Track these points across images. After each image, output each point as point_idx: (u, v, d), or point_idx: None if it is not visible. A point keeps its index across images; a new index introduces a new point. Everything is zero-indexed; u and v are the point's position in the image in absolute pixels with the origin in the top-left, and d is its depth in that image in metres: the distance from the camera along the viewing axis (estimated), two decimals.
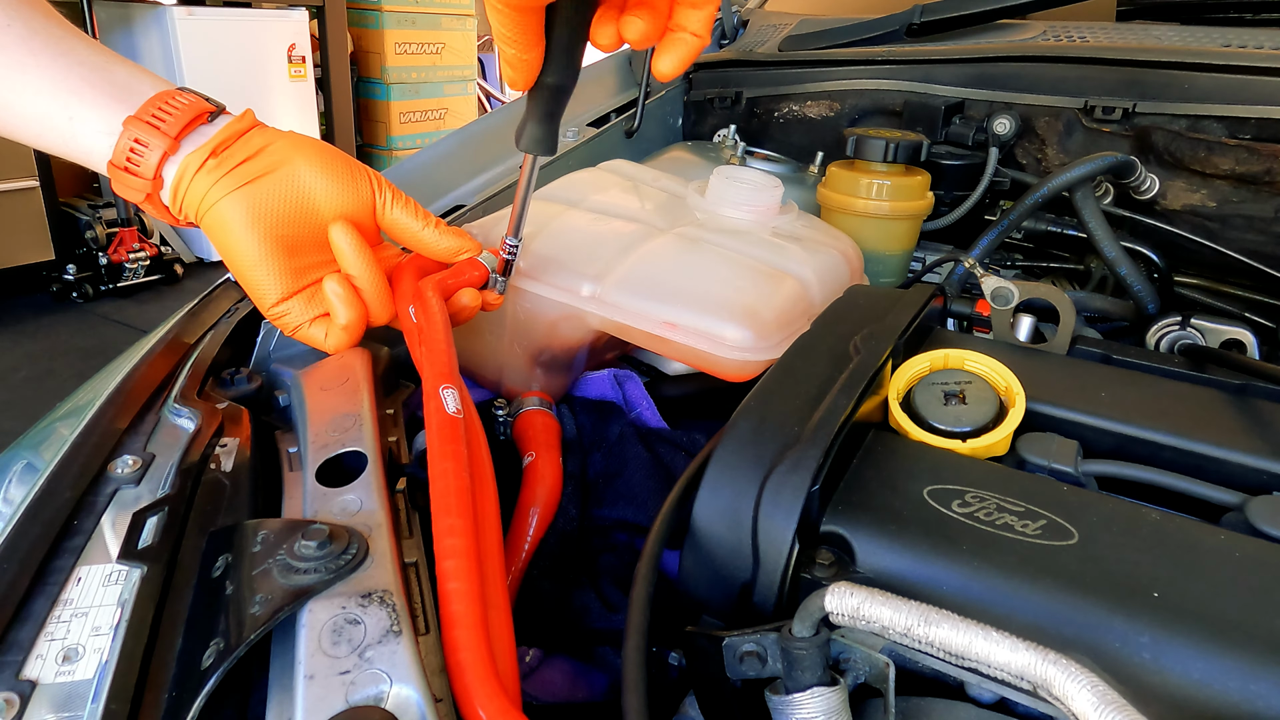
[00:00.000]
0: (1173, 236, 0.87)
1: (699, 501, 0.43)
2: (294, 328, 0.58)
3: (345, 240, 0.57)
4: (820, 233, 0.82)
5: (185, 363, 0.61)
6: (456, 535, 0.42)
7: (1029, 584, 0.37)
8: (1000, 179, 1.02)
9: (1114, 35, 1.06)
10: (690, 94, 1.29)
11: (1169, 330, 0.75)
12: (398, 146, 4.87)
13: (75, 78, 0.52)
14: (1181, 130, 0.91)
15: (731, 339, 0.63)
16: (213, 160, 0.53)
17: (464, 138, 1.03)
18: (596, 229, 0.75)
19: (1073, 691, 0.29)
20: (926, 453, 0.47)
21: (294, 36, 3.98)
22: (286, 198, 0.54)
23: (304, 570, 0.39)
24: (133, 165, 0.53)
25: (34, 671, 0.37)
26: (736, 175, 0.79)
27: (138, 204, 0.55)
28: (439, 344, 0.55)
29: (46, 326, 3.18)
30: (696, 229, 0.76)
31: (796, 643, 0.34)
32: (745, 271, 0.69)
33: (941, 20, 1.15)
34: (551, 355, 0.73)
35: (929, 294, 0.62)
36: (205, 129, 0.54)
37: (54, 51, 0.52)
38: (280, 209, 0.54)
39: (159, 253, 3.54)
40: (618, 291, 0.67)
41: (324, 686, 0.35)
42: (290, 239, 0.55)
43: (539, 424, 0.67)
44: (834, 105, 1.17)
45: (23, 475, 0.53)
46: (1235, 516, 0.44)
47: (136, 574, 0.42)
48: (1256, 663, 0.33)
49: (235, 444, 0.53)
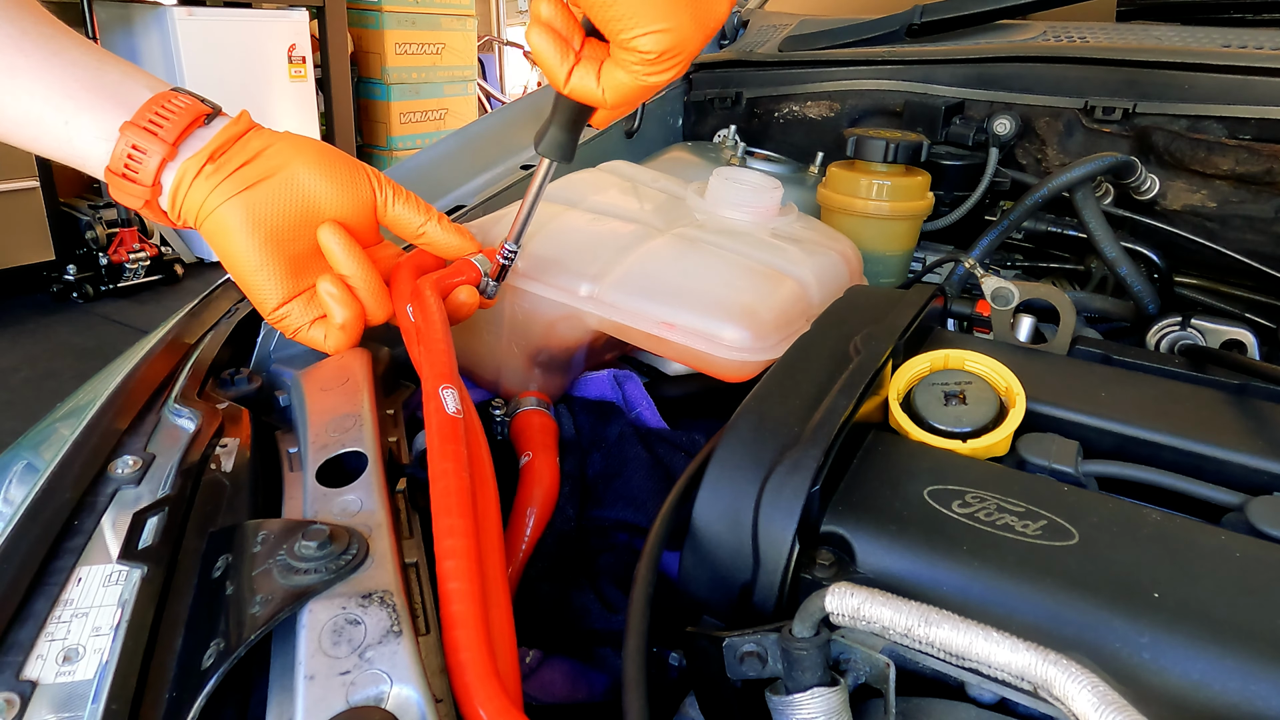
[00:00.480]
0: (1173, 237, 0.87)
1: (699, 502, 0.43)
2: (294, 330, 0.58)
3: (335, 242, 0.56)
4: (819, 234, 0.82)
5: (185, 363, 0.60)
6: (456, 536, 0.42)
7: (1029, 584, 0.37)
8: (1000, 179, 1.02)
9: (1114, 35, 1.06)
10: (690, 94, 1.29)
11: (1169, 330, 0.75)
12: (398, 147, 4.87)
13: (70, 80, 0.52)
14: (1182, 131, 0.91)
15: (729, 339, 0.63)
16: (210, 165, 0.52)
17: (464, 138, 1.03)
18: (595, 229, 0.75)
19: (1073, 692, 0.29)
20: (927, 453, 0.47)
21: (294, 37, 3.98)
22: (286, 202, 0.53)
23: (304, 570, 0.39)
24: (131, 172, 0.52)
25: (34, 672, 0.37)
26: (736, 176, 0.79)
27: (136, 210, 0.55)
28: (438, 344, 0.55)
29: (46, 327, 3.18)
30: (695, 230, 0.76)
31: (797, 643, 0.34)
32: (744, 272, 0.69)
33: (941, 20, 1.15)
34: (549, 355, 0.73)
35: (929, 294, 0.62)
36: (203, 132, 0.53)
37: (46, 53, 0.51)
38: (280, 214, 0.53)
39: (159, 253, 3.55)
40: (616, 291, 0.67)
41: (324, 687, 0.35)
42: (290, 243, 0.55)
43: (536, 424, 0.67)
44: (834, 105, 1.17)
45: (23, 475, 0.53)
46: (1235, 517, 0.44)
47: (137, 574, 0.42)
48: (1257, 663, 0.33)
49: (235, 444, 0.53)
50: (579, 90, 0.50)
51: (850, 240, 0.84)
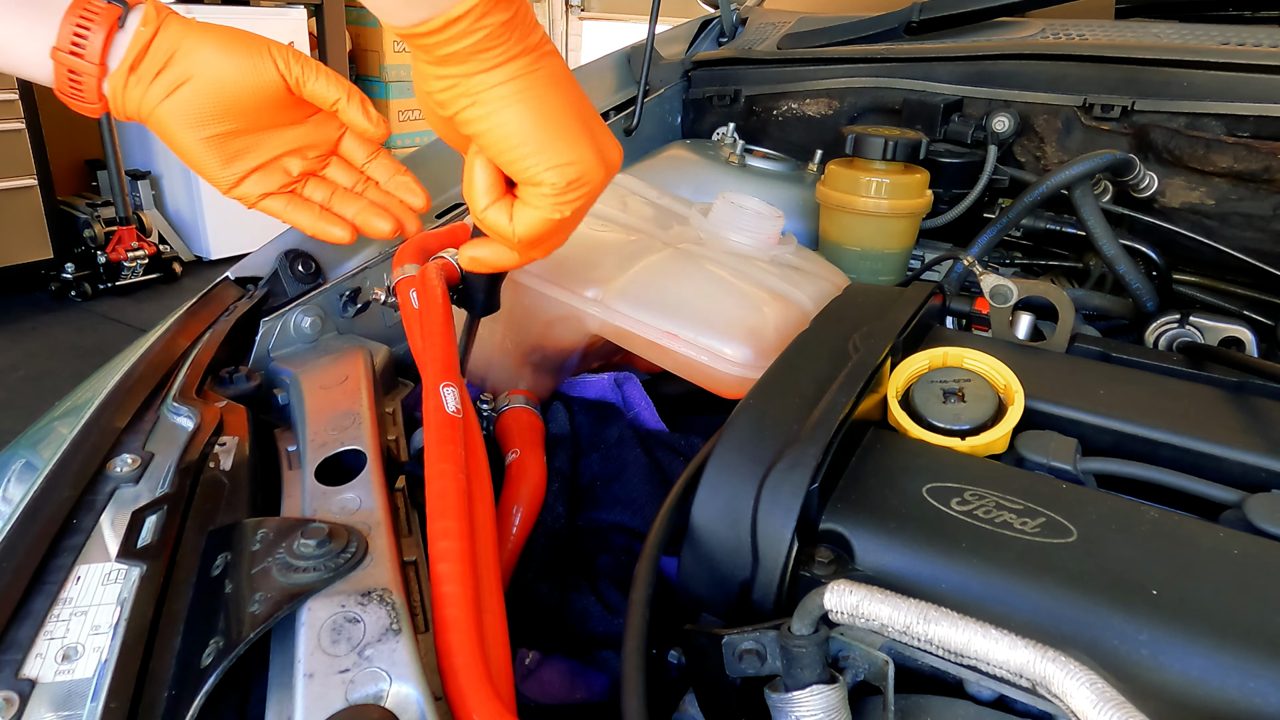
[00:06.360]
0: (1171, 234, 0.87)
1: (698, 500, 0.43)
2: (253, 204, 0.61)
3: None
4: (815, 264, 0.82)
5: (184, 361, 0.60)
6: (452, 538, 0.42)
7: (1028, 582, 0.37)
8: (999, 177, 1.02)
9: (1112, 33, 1.06)
10: (689, 92, 1.29)
11: (1168, 328, 0.75)
12: (396, 145, 4.86)
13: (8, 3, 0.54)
14: (1180, 128, 0.91)
15: (732, 355, 0.64)
16: (133, 77, 0.55)
17: None
18: (601, 236, 0.75)
19: (1071, 689, 0.29)
20: (925, 450, 0.47)
21: (292, 34, 3.97)
22: (205, 98, 0.56)
23: (303, 569, 0.39)
24: (77, 91, 0.56)
25: (33, 670, 0.37)
26: (741, 201, 0.80)
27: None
28: (441, 338, 0.55)
29: (45, 325, 3.17)
30: (699, 247, 0.77)
31: (796, 641, 0.34)
32: (748, 292, 0.70)
33: (940, 18, 1.15)
34: (544, 355, 0.73)
35: (928, 292, 0.62)
36: (120, 38, 0.56)
37: None
38: (202, 109, 0.57)
39: (157, 251, 3.54)
40: (621, 298, 0.67)
41: (323, 685, 0.35)
42: (222, 130, 0.58)
43: (524, 422, 0.67)
44: (833, 103, 1.17)
45: (22, 474, 0.53)
46: (1234, 514, 0.44)
47: (136, 573, 0.42)
48: (1254, 660, 0.33)
49: (234, 442, 0.53)
50: (491, 223, 0.53)
51: (843, 273, 0.85)
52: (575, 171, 0.49)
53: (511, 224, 0.52)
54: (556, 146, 0.48)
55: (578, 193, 0.50)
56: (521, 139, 0.48)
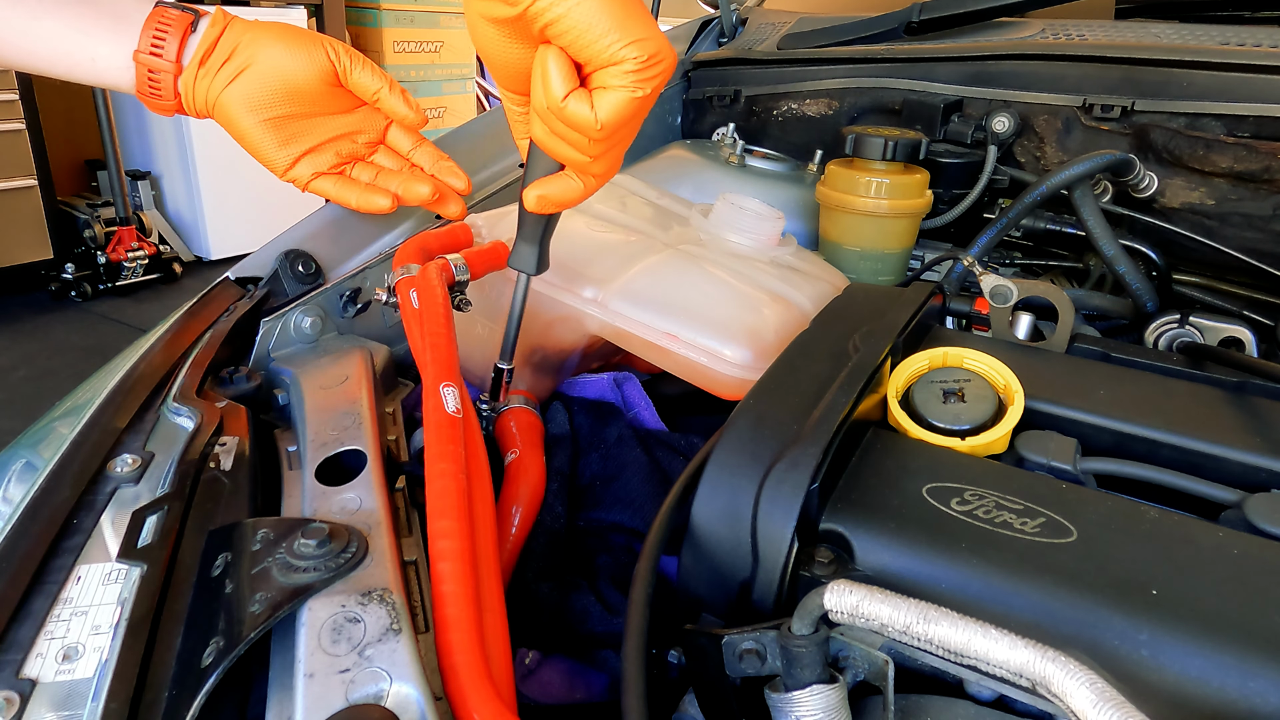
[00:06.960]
0: (1171, 234, 0.87)
1: (698, 499, 0.43)
2: (305, 185, 0.67)
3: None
4: (814, 266, 0.82)
5: (184, 361, 0.60)
6: (452, 537, 0.42)
7: (1027, 581, 0.37)
8: (999, 177, 1.02)
9: (1112, 33, 1.06)
10: (689, 92, 1.29)
11: (1168, 328, 0.75)
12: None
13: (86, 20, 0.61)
14: (1180, 128, 0.91)
15: (731, 356, 0.64)
16: (202, 69, 0.63)
17: (463, 136, 1.03)
18: (601, 236, 0.75)
19: (1071, 689, 0.29)
20: (925, 451, 0.47)
21: None
22: (265, 83, 0.63)
23: (303, 569, 0.39)
24: (155, 91, 0.63)
25: (34, 670, 0.37)
26: (741, 203, 0.80)
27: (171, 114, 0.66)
28: (441, 338, 0.55)
29: (45, 325, 3.17)
30: (699, 248, 0.77)
31: (796, 640, 0.34)
32: (748, 293, 0.70)
33: (940, 18, 1.15)
34: (544, 355, 0.73)
35: (928, 292, 0.62)
36: (193, 40, 0.63)
37: None
38: (262, 93, 0.63)
39: (157, 251, 3.53)
40: (621, 298, 0.67)
41: (324, 685, 0.35)
42: (279, 114, 0.65)
43: (523, 422, 0.67)
44: (833, 103, 1.17)
45: (22, 474, 0.53)
46: (1233, 514, 0.44)
47: (136, 573, 0.42)
48: (1254, 660, 0.33)
49: (235, 442, 0.53)
50: (572, 113, 0.51)
51: (842, 274, 0.85)
52: (654, 45, 0.49)
53: (594, 111, 0.51)
54: (632, 24, 0.48)
55: (657, 68, 0.50)
56: (599, 18, 0.48)
